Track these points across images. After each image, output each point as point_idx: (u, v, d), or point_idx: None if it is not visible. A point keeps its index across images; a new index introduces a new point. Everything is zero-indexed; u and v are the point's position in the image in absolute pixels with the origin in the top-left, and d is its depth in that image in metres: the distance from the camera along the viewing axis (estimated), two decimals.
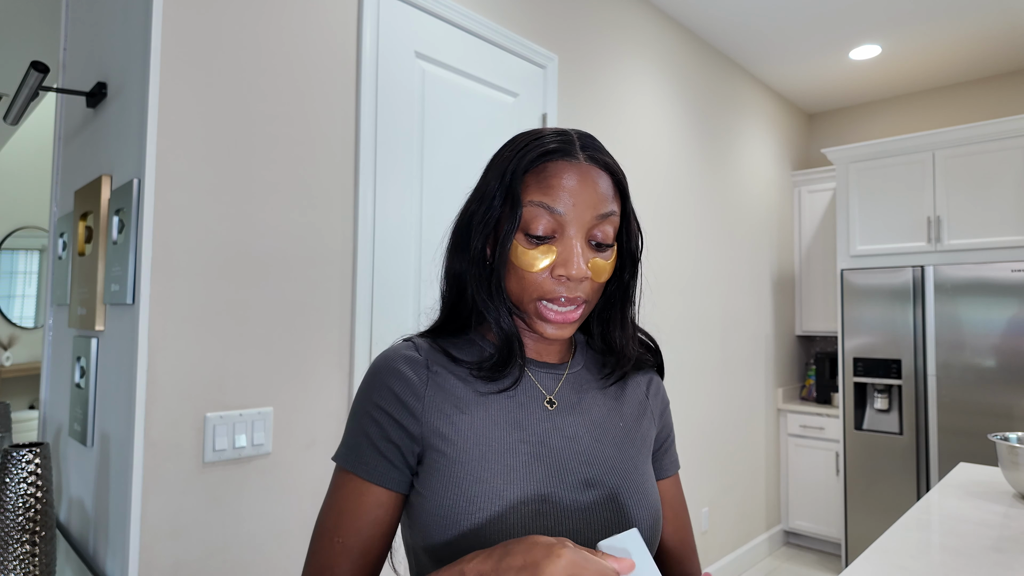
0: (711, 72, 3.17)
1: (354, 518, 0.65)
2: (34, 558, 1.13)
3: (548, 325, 0.68)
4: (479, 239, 0.69)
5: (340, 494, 0.67)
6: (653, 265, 2.69)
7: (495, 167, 0.71)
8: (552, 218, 0.66)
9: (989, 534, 1.25)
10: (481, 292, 0.70)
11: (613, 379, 0.78)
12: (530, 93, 2.10)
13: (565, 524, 0.65)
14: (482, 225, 0.69)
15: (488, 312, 0.69)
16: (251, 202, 1.39)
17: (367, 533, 0.65)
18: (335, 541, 0.65)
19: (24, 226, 4.43)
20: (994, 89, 3.52)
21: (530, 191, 0.68)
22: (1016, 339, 2.74)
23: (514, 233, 0.67)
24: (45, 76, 1.38)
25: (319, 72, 1.52)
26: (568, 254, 0.66)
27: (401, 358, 0.69)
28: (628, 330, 0.77)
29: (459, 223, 0.73)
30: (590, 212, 0.67)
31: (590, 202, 0.67)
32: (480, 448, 0.66)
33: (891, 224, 3.15)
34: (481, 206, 0.70)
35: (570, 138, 0.70)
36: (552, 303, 0.68)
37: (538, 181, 0.68)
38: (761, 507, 3.46)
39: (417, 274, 1.71)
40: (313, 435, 1.47)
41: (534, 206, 0.67)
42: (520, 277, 0.68)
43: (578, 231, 0.67)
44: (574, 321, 0.69)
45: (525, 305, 0.69)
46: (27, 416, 4.05)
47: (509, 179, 0.68)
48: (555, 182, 0.67)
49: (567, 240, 0.67)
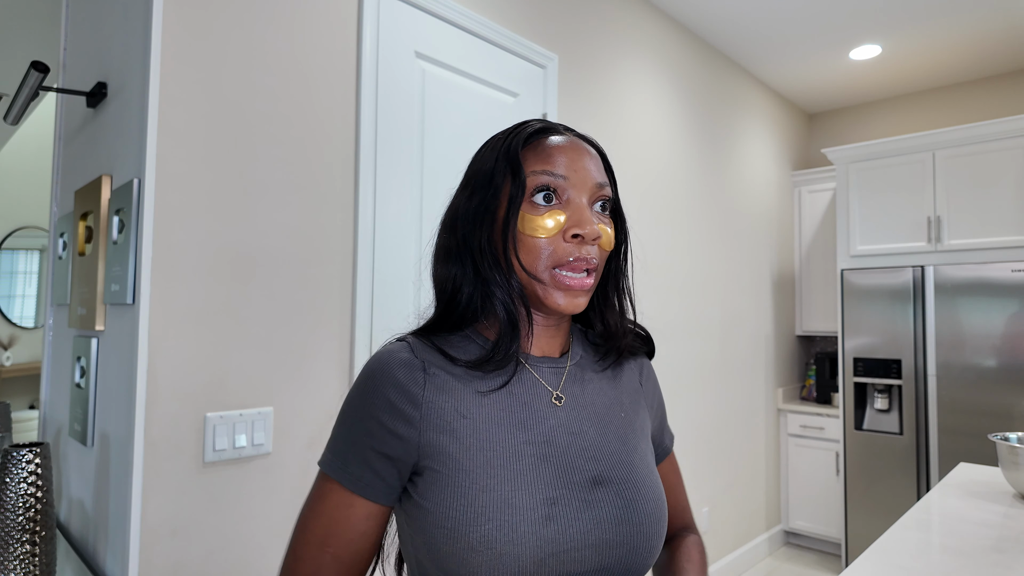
0: (711, 72, 3.17)
1: (344, 530, 0.64)
2: (34, 558, 1.13)
3: (563, 294, 0.66)
4: (481, 225, 0.68)
5: (327, 503, 0.65)
6: (653, 265, 2.69)
7: (487, 154, 0.71)
8: (556, 183, 0.67)
9: (989, 534, 1.25)
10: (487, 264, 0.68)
11: (609, 361, 0.78)
12: (530, 93, 2.10)
13: (575, 526, 0.63)
14: (483, 209, 0.69)
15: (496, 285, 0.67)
16: (251, 202, 1.39)
17: (357, 545, 0.65)
18: (326, 552, 0.64)
19: (24, 226, 4.43)
20: (994, 89, 3.52)
21: (530, 163, 0.68)
22: (1016, 339, 2.74)
23: (520, 203, 0.67)
24: (45, 76, 1.38)
25: (319, 72, 1.52)
26: (579, 215, 0.67)
27: (397, 362, 0.66)
28: (619, 309, 0.78)
29: (448, 219, 0.72)
30: (590, 179, 0.68)
31: (588, 170, 0.69)
32: (485, 454, 0.64)
33: (891, 224, 3.15)
34: (476, 193, 0.70)
35: (553, 124, 0.73)
36: (567, 269, 0.67)
37: (536, 154, 0.69)
38: (761, 507, 3.46)
39: (417, 274, 1.71)
40: (313, 435, 1.47)
41: (537, 175, 0.67)
42: (531, 247, 0.67)
43: (581, 195, 0.68)
44: (588, 288, 0.68)
45: (540, 275, 0.67)
46: (27, 416, 4.05)
47: (510, 153, 0.68)
48: (554, 151, 0.68)
49: (574, 203, 0.67)
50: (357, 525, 0.65)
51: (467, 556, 0.59)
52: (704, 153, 3.09)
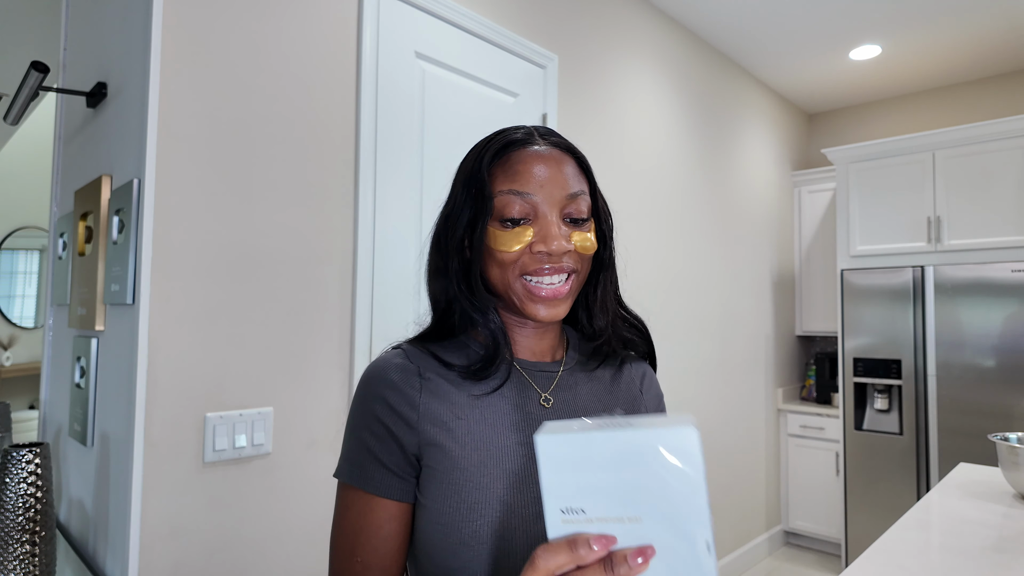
0: (711, 72, 3.17)
1: (369, 535, 0.65)
2: (34, 558, 1.13)
3: (540, 305, 0.67)
4: (456, 238, 0.69)
5: (351, 513, 0.67)
6: (653, 265, 2.69)
7: (461, 170, 0.72)
8: (524, 202, 0.67)
9: (989, 534, 1.25)
10: (463, 288, 0.69)
11: (600, 360, 0.78)
12: (530, 93, 2.10)
13: None
14: (457, 224, 0.69)
15: (473, 310, 0.69)
16: (251, 202, 1.39)
17: (384, 548, 0.66)
18: (355, 561, 0.65)
19: (24, 226, 4.43)
20: (994, 89, 3.52)
21: (498, 182, 0.68)
22: (1016, 339, 2.74)
23: (488, 222, 0.67)
24: (45, 76, 1.38)
25: (319, 72, 1.52)
26: (546, 231, 0.66)
27: (393, 367, 0.69)
28: (609, 308, 0.77)
29: (436, 228, 0.74)
30: (560, 192, 0.68)
31: (557, 183, 0.68)
32: (478, 453, 0.66)
33: (891, 224, 3.15)
34: (454, 208, 0.70)
35: (529, 130, 0.71)
36: (536, 276, 0.67)
37: (504, 171, 0.68)
38: (761, 507, 3.46)
39: (417, 274, 1.71)
40: (313, 435, 1.47)
41: (504, 195, 0.67)
42: (500, 261, 0.68)
43: (551, 210, 0.67)
44: (565, 296, 0.68)
45: (512, 287, 0.68)
46: (27, 416, 4.05)
47: (476, 174, 0.69)
48: (521, 168, 0.68)
49: (542, 219, 0.67)
50: (381, 528, 0.66)
51: (459, 551, 0.62)
52: (704, 153, 3.09)
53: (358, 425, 0.68)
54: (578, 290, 0.71)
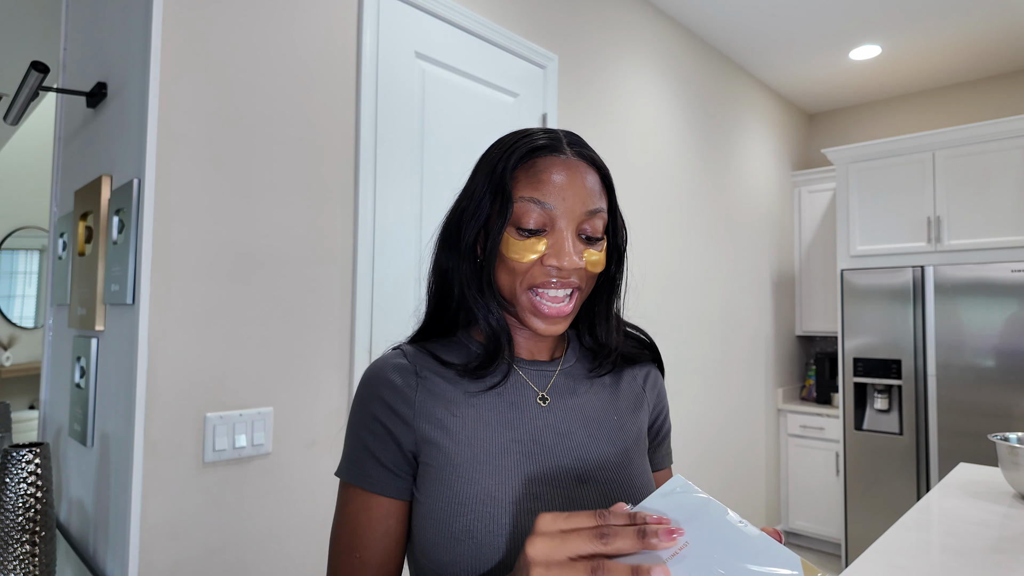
0: (711, 72, 3.17)
1: (367, 532, 0.66)
2: (34, 558, 1.13)
3: (541, 320, 0.68)
4: (470, 235, 0.69)
5: (349, 509, 0.68)
6: (653, 265, 2.69)
7: (484, 165, 0.71)
8: (543, 212, 0.66)
9: (989, 534, 1.25)
10: (471, 287, 0.69)
11: (601, 372, 0.78)
12: (530, 93, 2.10)
13: None
14: (473, 221, 0.69)
15: (478, 308, 0.69)
16: (251, 202, 1.39)
17: (382, 545, 0.66)
18: (354, 557, 0.66)
19: (24, 226, 4.43)
20: (994, 89, 3.52)
21: (520, 187, 0.67)
22: (1016, 339, 2.74)
23: (504, 227, 0.67)
24: (45, 76, 1.38)
25: (319, 72, 1.52)
26: (560, 246, 0.66)
27: (390, 367, 0.70)
28: (612, 322, 0.77)
29: (448, 221, 0.73)
30: (580, 207, 0.67)
31: (579, 197, 0.67)
32: (472, 450, 0.66)
33: (891, 224, 3.15)
34: (471, 203, 0.70)
35: (557, 135, 0.70)
36: (544, 289, 0.67)
37: (528, 177, 0.68)
38: (761, 507, 3.46)
39: (417, 274, 1.71)
40: (313, 435, 1.47)
41: (524, 201, 0.67)
42: (511, 269, 0.68)
43: (568, 224, 0.67)
44: (567, 315, 0.68)
45: (518, 297, 0.68)
46: (27, 416, 4.05)
47: (499, 176, 0.68)
48: (545, 177, 0.67)
49: (558, 233, 0.67)
50: (379, 525, 0.67)
51: (451, 545, 0.62)
52: (704, 153, 3.09)
53: (357, 424, 0.69)
54: (579, 306, 0.71)
